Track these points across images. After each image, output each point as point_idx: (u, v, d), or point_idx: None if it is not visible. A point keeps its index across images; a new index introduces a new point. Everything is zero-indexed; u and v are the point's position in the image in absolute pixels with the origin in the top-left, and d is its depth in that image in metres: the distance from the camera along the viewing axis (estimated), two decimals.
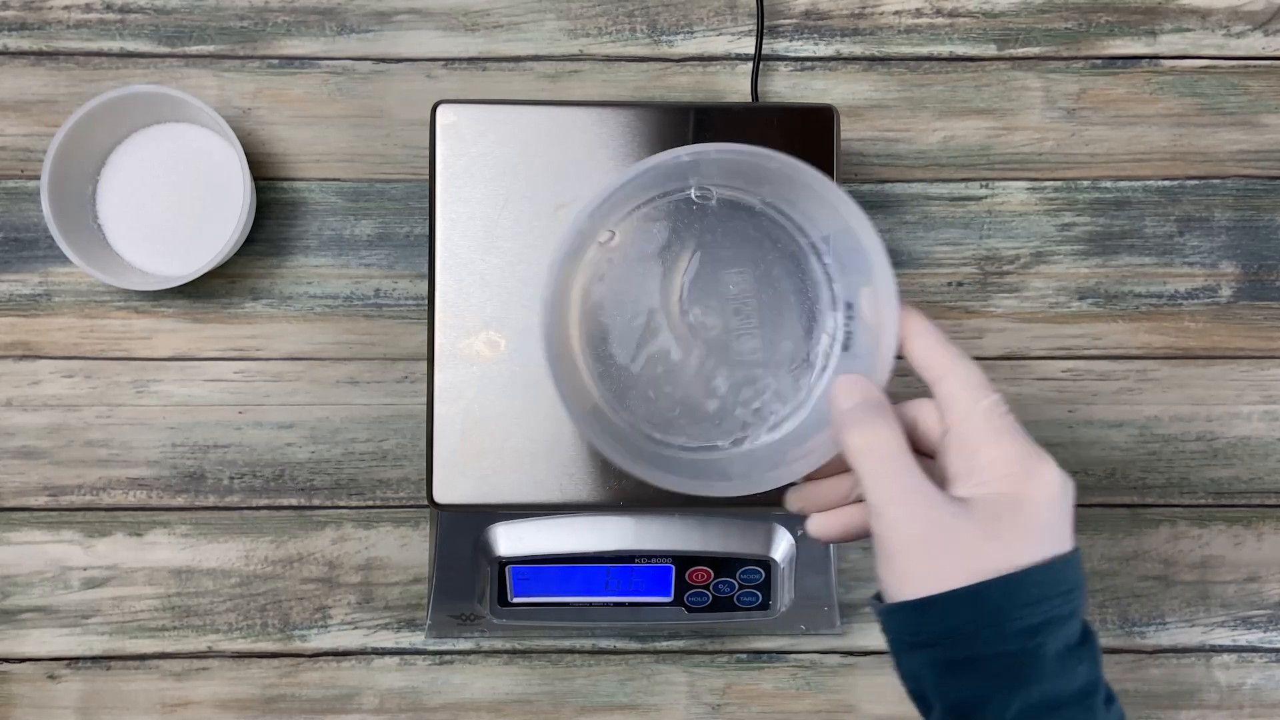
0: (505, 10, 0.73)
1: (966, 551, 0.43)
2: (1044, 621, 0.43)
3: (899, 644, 0.46)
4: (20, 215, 0.72)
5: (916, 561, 0.44)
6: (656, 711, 0.72)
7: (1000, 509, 0.44)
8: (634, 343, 0.53)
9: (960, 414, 0.46)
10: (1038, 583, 0.43)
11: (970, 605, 0.43)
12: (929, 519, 0.44)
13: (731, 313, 0.53)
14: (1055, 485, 0.45)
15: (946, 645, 0.44)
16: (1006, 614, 0.43)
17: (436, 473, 0.62)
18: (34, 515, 0.71)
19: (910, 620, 0.45)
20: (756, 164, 0.50)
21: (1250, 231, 0.74)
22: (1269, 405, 0.74)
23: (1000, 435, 0.45)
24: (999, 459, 0.45)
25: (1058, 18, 0.74)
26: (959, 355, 0.47)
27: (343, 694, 0.72)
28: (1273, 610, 0.74)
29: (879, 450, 0.45)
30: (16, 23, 0.72)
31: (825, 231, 0.52)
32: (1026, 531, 0.44)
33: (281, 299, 0.72)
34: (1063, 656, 0.44)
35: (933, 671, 0.45)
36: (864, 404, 0.47)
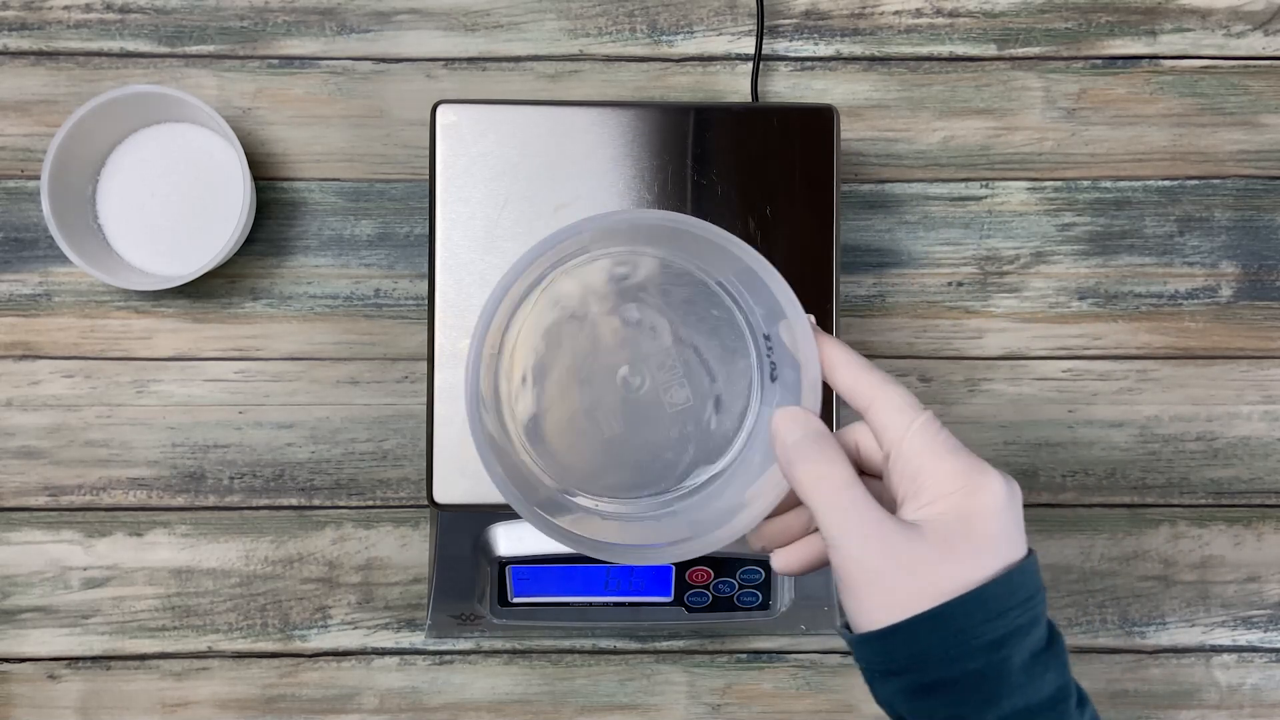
0: (505, 10, 0.73)
1: (924, 576, 0.43)
2: (1007, 634, 0.43)
3: (870, 673, 0.47)
4: (20, 215, 0.72)
5: (877, 591, 0.44)
6: (656, 711, 0.72)
7: (949, 529, 0.44)
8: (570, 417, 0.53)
9: (895, 438, 0.46)
10: (996, 596, 0.43)
11: (932, 629, 0.43)
12: (884, 548, 0.44)
13: (655, 367, 0.53)
14: (1000, 494, 0.44)
15: (914, 671, 0.44)
16: (969, 633, 0.43)
17: (436, 473, 0.62)
18: (34, 515, 0.71)
19: (877, 649, 0.45)
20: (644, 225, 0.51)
21: (1250, 231, 0.74)
22: (1269, 405, 0.74)
23: (937, 454, 0.45)
24: (940, 478, 0.44)
25: (1058, 18, 0.74)
26: (883, 380, 0.47)
27: (343, 694, 0.72)
28: (1273, 610, 0.74)
29: (829, 483, 0.45)
30: (16, 23, 0.72)
31: (727, 273, 0.52)
32: (978, 547, 0.44)
33: (281, 299, 0.72)
34: (1029, 666, 0.44)
35: (904, 697, 0.45)
36: (807, 436, 0.47)
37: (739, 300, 0.53)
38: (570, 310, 0.54)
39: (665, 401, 0.53)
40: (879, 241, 0.73)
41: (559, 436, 0.54)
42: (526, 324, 0.54)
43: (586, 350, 0.54)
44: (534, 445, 0.53)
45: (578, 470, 0.54)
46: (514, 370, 0.53)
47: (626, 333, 0.54)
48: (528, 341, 0.53)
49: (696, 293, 0.53)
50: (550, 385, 0.54)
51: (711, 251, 0.51)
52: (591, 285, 0.54)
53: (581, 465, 0.54)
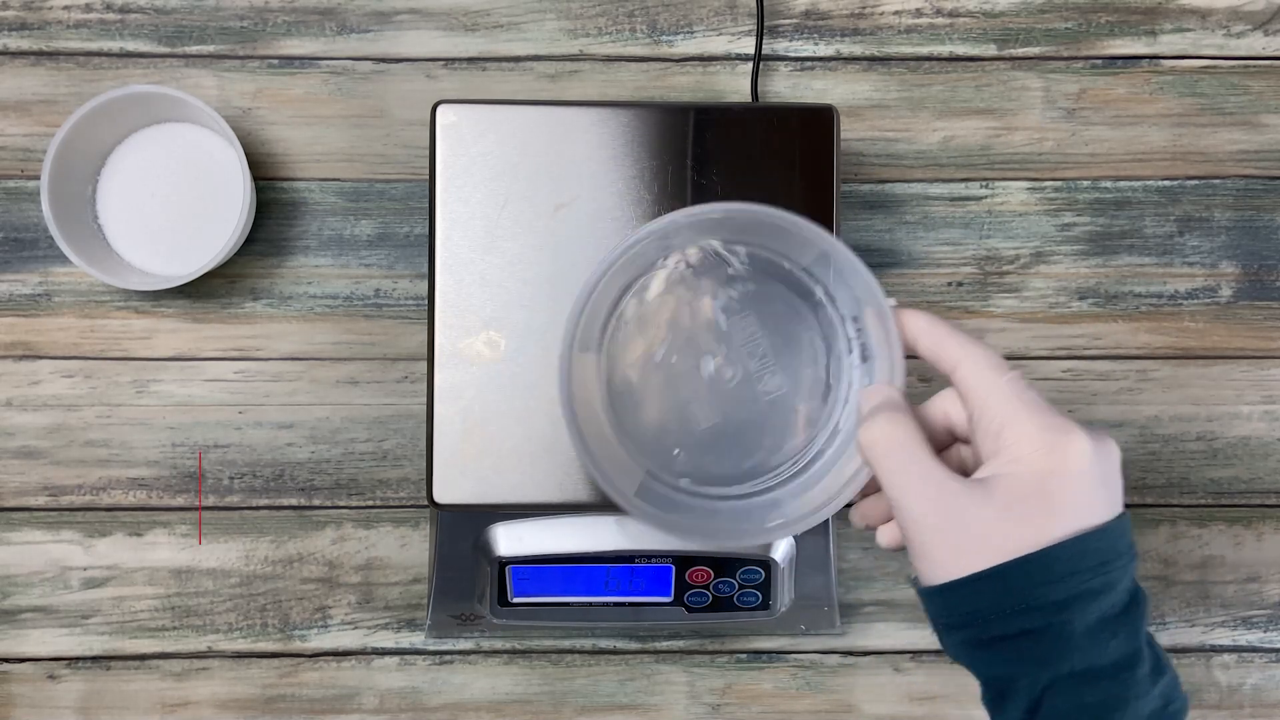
0: (505, 10, 0.73)
1: (984, 536, 0.44)
2: (1069, 597, 0.43)
3: (935, 625, 0.47)
4: (20, 215, 0.72)
5: (938, 548, 0.45)
6: (656, 711, 0.72)
7: (1023, 487, 0.44)
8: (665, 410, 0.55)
9: (980, 397, 0.46)
10: (1062, 559, 0.43)
11: (991, 587, 0.44)
12: (943, 506, 0.44)
13: (746, 356, 0.54)
14: (1084, 455, 0.44)
15: (974, 626, 0.45)
16: (1028, 593, 0.43)
17: (436, 473, 0.62)
18: (34, 515, 0.71)
19: (938, 604, 0.46)
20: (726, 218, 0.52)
21: (1250, 231, 0.74)
22: (1269, 405, 0.74)
23: (1020, 412, 0.45)
24: (1022, 436, 0.44)
25: (1058, 18, 0.74)
26: (967, 340, 0.47)
27: (343, 694, 0.72)
28: (1273, 610, 0.74)
29: (885, 443, 0.46)
30: (16, 23, 0.72)
31: (809, 258, 0.53)
32: (1050, 508, 0.44)
33: (281, 299, 0.72)
34: (1094, 631, 0.43)
35: (966, 650, 0.46)
36: (880, 406, 0.47)
37: (826, 285, 0.54)
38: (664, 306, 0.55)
39: (759, 390, 0.54)
40: (879, 241, 0.73)
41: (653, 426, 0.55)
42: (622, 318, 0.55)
43: (681, 343, 0.55)
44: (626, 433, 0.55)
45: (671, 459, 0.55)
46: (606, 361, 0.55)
47: (719, 324, 0.55)
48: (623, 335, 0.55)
49: (786, 282, 0.54)
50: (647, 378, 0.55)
51: (792, 240, 0.52)
52: (682, 281, 0.55)
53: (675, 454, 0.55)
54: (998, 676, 0.45)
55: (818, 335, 0.54)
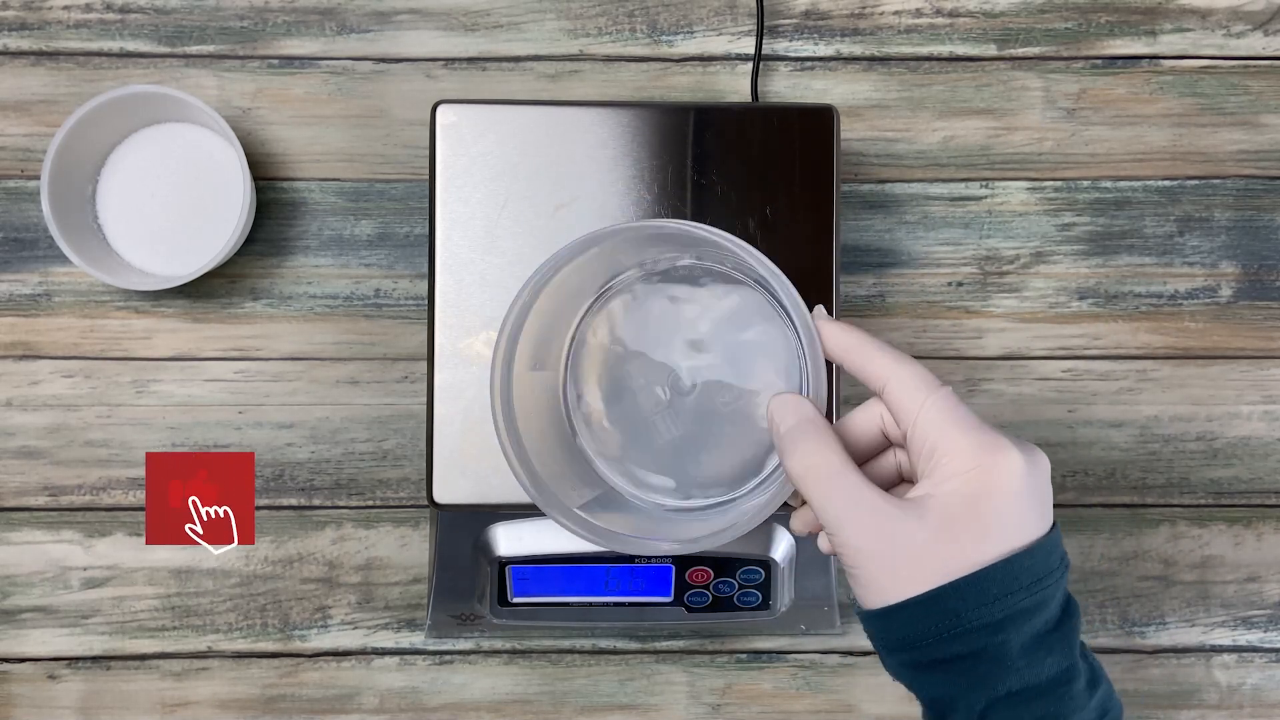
0: (505, 10, 0.73)
1: (919, 559, 0.43)
2: (1005, 617, 0.43)
3: (876, 647, 0.47)
4: (20, 215, 0.72)
5: (874, 573, 0.44)
6: (656, 711, 0.72)
7: (955, 509, 0.43)
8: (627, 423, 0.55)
9: (910, 416, 0.45)
10: (997, 579, 0.43)
11: (927, 611, 0.43)
12: (877, 533, 0.44)
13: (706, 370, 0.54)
14: (1016, 472, 0.43)
15: (912, 650, 0.44)
16: (963, 616, 0.43)
17: (436, 473, 0.62)
18: (34, 515, 0.71)
19: (877, 628, 0.45)
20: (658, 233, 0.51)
21: (1250, 231, 0.74)
22: (1269, 405, 0.74)
23: (951, 430, 0.44)
24: (954, 455, 0.44)
25: (1058, 18, 0.74)
26: (895, 358, 0.46)
27: (343, 694, 0.72)
28: (1273, 610, 0.74)
29: (817, 471, 0.45)
30: (16, 23, 0.72)
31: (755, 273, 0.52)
32: (984, 529, 0.43)
33: (281, 299, 0.72)
34: (1030, 649, 0.43)
35: (906, 672, 0.46)
36: (799, 423, 0.46)
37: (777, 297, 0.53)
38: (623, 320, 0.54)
39: (718, 402, 0.54)
40: (879, 241, 0.73)
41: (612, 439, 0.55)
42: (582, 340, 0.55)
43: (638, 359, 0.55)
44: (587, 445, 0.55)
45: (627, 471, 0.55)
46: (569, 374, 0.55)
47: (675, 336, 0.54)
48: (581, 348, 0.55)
49: (741, 294, 0.54)
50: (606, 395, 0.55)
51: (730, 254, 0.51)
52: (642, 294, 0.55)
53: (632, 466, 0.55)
54: (938, 698, 0.45)
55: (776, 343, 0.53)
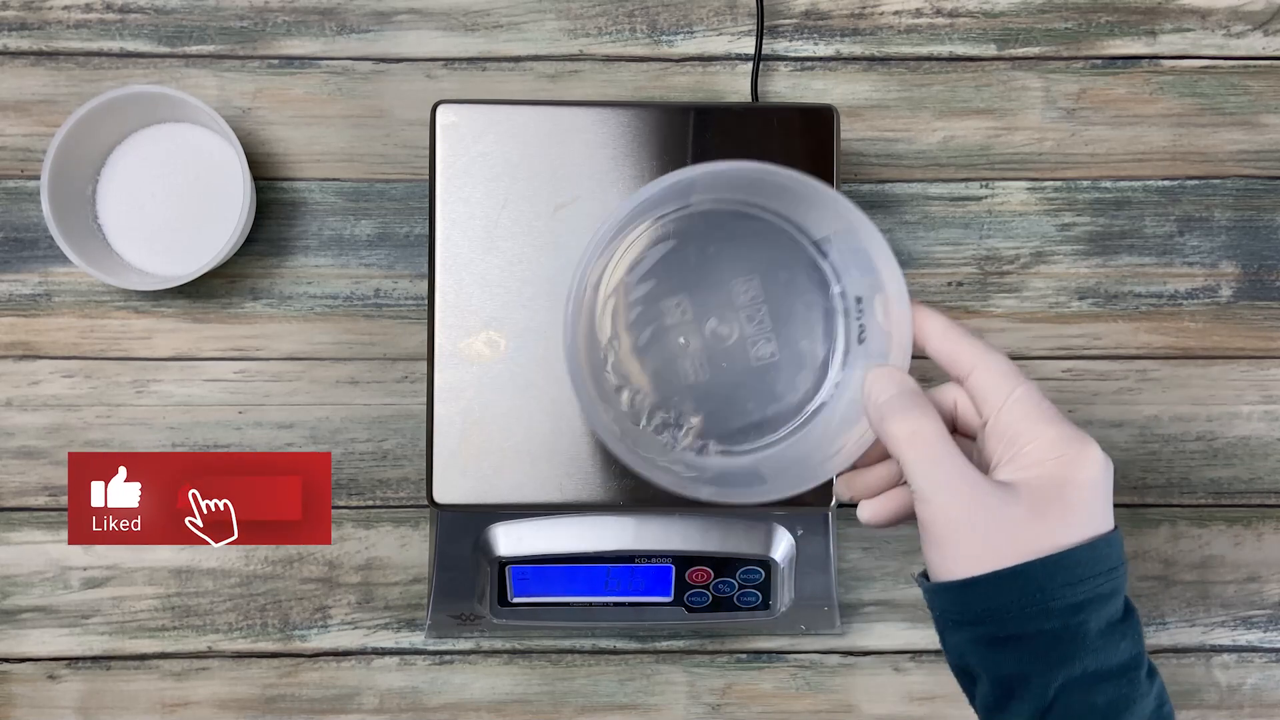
0: (505, 10, 0.73)
1: (1012, 534, 0.45)
2: (1087, 599, 0.44)
3: (944, 622, 0.48)
4: (20, 215, 0.72)
5: (963, 544, 0.45)
6: (656, 711, 0.72)
7: (1044, 492, 0.45)
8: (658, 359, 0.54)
9: (996, 404, 0.47)
10: (1081, 562, 0.44)
11: (1014, 585, 0.44)
12: (975, 503, 0.45)
13: (745, 319, 0.54)
14: (1098, 466, 0.45)
15: (991, 623, 0.45)
16: (1050, 593, 0.44)
17: (436, 473, 0.62)
18: (34, 515, 0.71)
19: (956, 599, 0.46)
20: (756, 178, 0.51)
21: (1250, 231, 0.74)
22: (1269, 405, 0.74)
23: (1039, 421, 0.46)
24: (1040, 445, 0.46)
25: (1058, 18, 0.74)
26: (983, 347, 0.48)
27: (343, 694, 0.72)
28: (1273, 610, 0.74)
29: (922, 439, 0.46)
30: (16, 23, 0.72)
31: (826, 232, 0.53)
32: (1070, 513, 0.45)
33: (281, 299, 0.72)
34: (1105, 633, 0.45)
35: (978, 648, 0.47)
36: (901, 394, 0.47)
37: (834, 261, 0.54)
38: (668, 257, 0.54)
39: (751, 355, 0.54)
40: None
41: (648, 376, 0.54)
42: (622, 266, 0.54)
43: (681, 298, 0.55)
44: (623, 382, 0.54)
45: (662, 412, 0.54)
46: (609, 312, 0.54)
47: (721, 284, 0.55)
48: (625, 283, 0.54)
49: (793, 252, 0.54)
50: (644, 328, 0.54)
51: (815, 209, 0.52)
52: (690, 234, 0.54)
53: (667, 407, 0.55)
54: (1009, 675, 0.46)
55: (819, 310, 0.54)
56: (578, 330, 0.51)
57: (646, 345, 0.55)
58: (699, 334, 0.54)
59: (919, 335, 0.49)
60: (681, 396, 0.54)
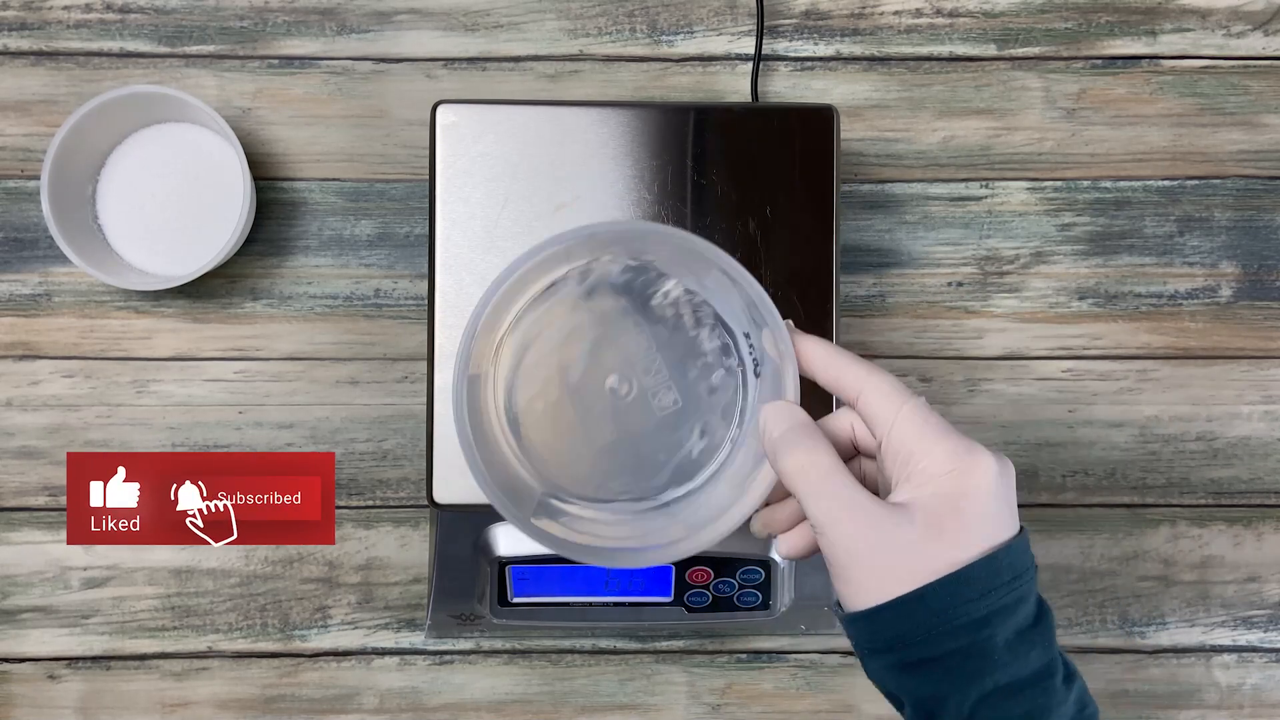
0: (505, 10, 0.73)
1: (909, 557, 0.44)
2: (989, 613, 0.44)
3: (860, 650, 0.48)
4: (20, 215, 0.72)
5: (863, 573, 0.45)
6: (656, 711, 0.72)
7: (937, 510, 0.45)
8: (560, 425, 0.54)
9: (885, 425, 0.46)
10: (979, 577, 0.44)
11: (917, 609, 0.44)
12: (870, 532, 0.45)
13: (643, 372, 0.54)
14: (991, 474, 0.45)
15: (901, 649, 0.45)
16: (951, 612, 0.44)
17: (436, 473, 0.62)
18: (34, 515, 0.71)
19: (865, 628, 0.46)
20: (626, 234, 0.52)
21: (1250, 231, 0.74)
22: (1269, 405, 0.74)
23: (928, 437, 0.45)
24: (930, 460, 0.45)
25: (1058, 18, 0.74)
26: (867, 369, 0.47)
27: (343, 694, 0.72)
28: (1273, 610, 0.74)
29: (813, 472, 0.46)
30: (16, 23, 0.72)
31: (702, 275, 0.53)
32: (965, 528, 0.45)
33: (281, 299, 0.72)
34: (1013, 644, 0.44)
35: (893, 673, 0.46)
36: (791, 428, 0.47)
37: (721, 303, 0.54)
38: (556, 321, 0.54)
39: (654, 406, 0.54)
40: (879, 241, 0.73)
41: (550, 443, 0.54)
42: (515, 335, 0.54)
43: (574, 359, 0.55)
44: (524, 451, 0.54)
45: (569, 475, 0.54)
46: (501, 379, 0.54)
47: (612, 339, 0.55)
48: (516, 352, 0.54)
49: (680, 298, 0.54)
50: (539, 393, 0.54)
51: (691, 256, 0.52)
52: (577, 294, 0.54)
53: (574, 471, 0.55)
54: (926, 697, 0.46)
55: (713, 352, 0.54)
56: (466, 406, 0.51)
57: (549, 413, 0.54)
58: (599, 392, 0.54)
59: (805, 365, 0.49)
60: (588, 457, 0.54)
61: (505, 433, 0.54)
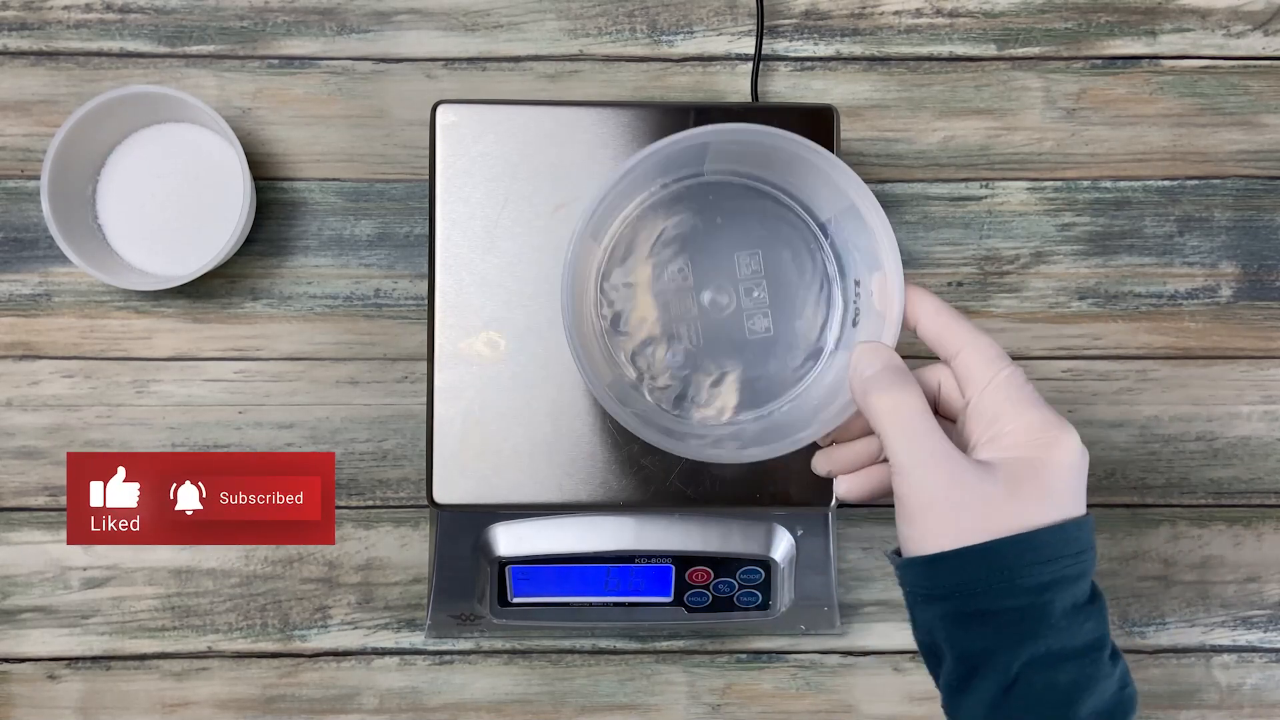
0: (505, 10, 0.73)
1: (985, 512, 0.45)
2: (1053, 580, 0.45)
3: (914, 597, 0.48)
4: (20, 215, 0.72)
5: (937, 519, 0.46)
6: (656, 711, 0.72)
7: (1020, 472, 0.46)
8: (653, 324, 0.56)
9: (979, 385, 0.48)
10: (1049, 543, 0.45)
11: (983, 561, 0.45)
12: (951, 479, 0.46)
13: (743, 293, 0.56)
14: (1075, 451, 0.46)
15: (959, 598, 0.46)
16: (1017, 570, 0.45)
17: (436, 473, 0.62)
18: (34, 515, 0.71)
19: (926, 574, 0.47)
20: (767, 145, 0.52)
21: (1250, 231, 0.74)
22: (1269, 405, 0.74)
23: (1021, 404, 0.47)
24: (1021, 427, 0.47)
25: (1058, 18, 0.74)
26: (973, 329, 0.48)
27: (343, 694, 0.72)
28: (1273, 610, 0.74)
29: (904, 413, 0.47)
30: (16, 23, 0.72)
31: (832, 211, 0.54)
32: (1043, 494, 0.46)
33: (281, 299, 0.72)
34: (1070, 613, 0.45)
35: (945, 623, 0.47)
36: (886, 369, 0.48)
37: (837, 244, 0.55)
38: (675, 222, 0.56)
39: (746, 327, 0.56)
40: None
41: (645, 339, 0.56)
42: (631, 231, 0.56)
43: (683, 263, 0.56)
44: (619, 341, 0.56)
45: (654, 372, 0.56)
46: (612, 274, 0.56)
47: (724, 256, 0.56)
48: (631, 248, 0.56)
49: (798, 232, 0.56)
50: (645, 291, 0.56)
51: (823, 186, 0.53)
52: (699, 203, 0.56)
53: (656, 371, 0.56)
54: (973, 651, 0.46)
55: (816, 292, 0.56)
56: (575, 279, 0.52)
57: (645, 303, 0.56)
58: (697, 301, 0.56)
59: (911, 314, 0.50)
60: (674, 359, 0.56)
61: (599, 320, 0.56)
